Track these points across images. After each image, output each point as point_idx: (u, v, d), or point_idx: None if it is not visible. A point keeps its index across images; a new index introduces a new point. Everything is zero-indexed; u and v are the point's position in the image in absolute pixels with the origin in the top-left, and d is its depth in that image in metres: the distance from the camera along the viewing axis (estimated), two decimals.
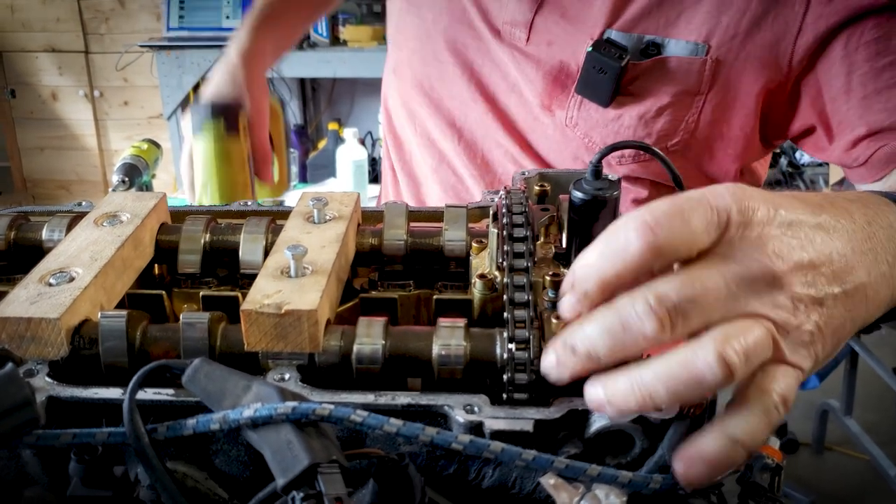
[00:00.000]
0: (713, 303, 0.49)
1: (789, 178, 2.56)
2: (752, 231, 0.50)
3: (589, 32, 0.96)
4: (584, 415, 0.53)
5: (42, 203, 4.66)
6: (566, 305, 0.52)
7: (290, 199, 2.80)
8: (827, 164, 2.57)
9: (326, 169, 3.24)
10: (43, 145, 4.78)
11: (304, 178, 3.44)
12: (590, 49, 0.92)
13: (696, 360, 0.48)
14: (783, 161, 2.62)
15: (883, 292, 0.55)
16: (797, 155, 2.61)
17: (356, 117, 4.37)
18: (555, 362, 0.51)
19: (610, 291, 0.50)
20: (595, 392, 0.50)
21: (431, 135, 1.15)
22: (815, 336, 0.51)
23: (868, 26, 0.87)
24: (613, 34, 0.94)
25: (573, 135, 1.00)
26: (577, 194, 0.59)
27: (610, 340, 0.49)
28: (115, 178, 2.10)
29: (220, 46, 3.79)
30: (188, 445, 0.56)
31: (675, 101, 0.95)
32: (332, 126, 3.77)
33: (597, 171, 0.59)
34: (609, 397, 0.49)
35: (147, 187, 2.25)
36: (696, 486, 0.50)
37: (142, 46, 4.10)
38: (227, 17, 4.12)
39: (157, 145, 2.32)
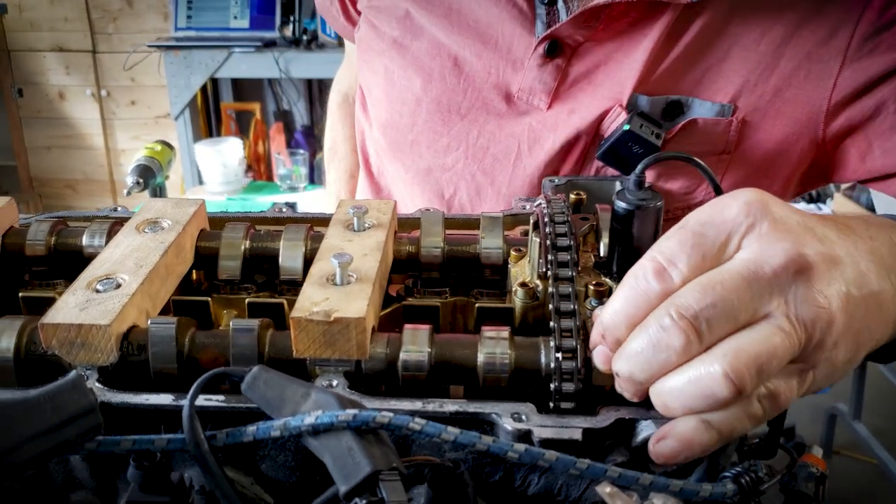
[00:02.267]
0: (737, 304, 0.48)
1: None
2: (774, 225, 0.50)
3: (616, 97, 0.92)
4: (631, 423, 0.54)
5: (49, 202, 4.68)
6: (601, 357, 0.54)
7: (304, 200, 2.79)
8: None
9: None
10: (50, 144, 4.79)
11: (312, 179, 3.45)
12: (626, 128, 0.87)
13: (704, 377, 0.48)
14: None
15: (892, 307, 0.54)
16: None
17: None
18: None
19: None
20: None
21: (416, 200, 1.08)
22: (841, 336, 0.50)
23: None
24: (641, 100, 0.91)
25: None
26: (621, 204, 0.60)
27: (644, 362, 0.50)
28: (129, 180, 2.11)
29: (228, 46, 3.80)
30: (236, 451, 0.56)
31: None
32: None
33: (640, 181, 0.59)
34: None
35: (161, 188, 2.27)
36: (665, 462, 0.51)
37: (149, 46, 4.11)
38: (235, 18, 4.13)
39: (171, 146, 2.34)
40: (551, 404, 0.55)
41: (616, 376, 0.52)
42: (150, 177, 2.10)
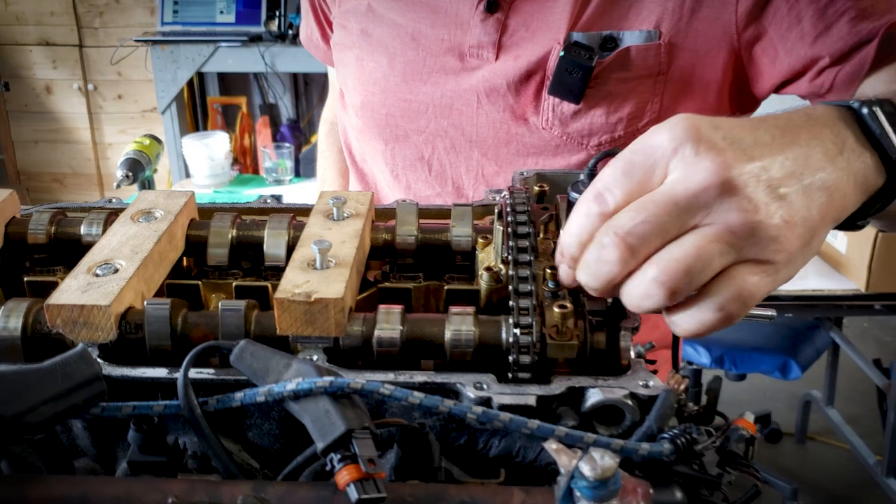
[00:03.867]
0: (666, 220, 0.55)
1: None
2: (696, 148, 0.56)
3: (554, 38, 1.05)
4: (581, 391, 0.60)
5: (37, 196, 4.69)
6: (563, 274, 0.63)
7: (289, 192, 2.83)
8: None
9: None
10: (37, 138, 4.81)
11: (297, 172, 3.49)
12: (562, 54, 1.01)
13: (642, 283, 0.56)
14: None
15: (844, 182, 0.60)
16: None
17: None
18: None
19: None
20: None
21: (399, 170, 1.21)
22: (784, 228, 0.56)
23: None
24: (576, 36, 1.04)
25: (550, 135, 1.09)
26: (574, 195, 0.66)
27: (592, 274, 0.58)
28: (119, 174, 2.16)
29: (214, 41, 3.82)
30: (225, 420, 0.62)
31: (638, 86, 1.05)
32: None
33: (592, 174, 0.65)
34: None
35: (149, 182, 2.31)
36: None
37: (136, 41, 4.14)
38: (221, 13, 4.17)
39: (159, 140, 2.38)
40: (510, 375, 0.61)
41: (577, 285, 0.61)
42: (139, 170, 2.14)
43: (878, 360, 2.74)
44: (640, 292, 0.56)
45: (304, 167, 3.63)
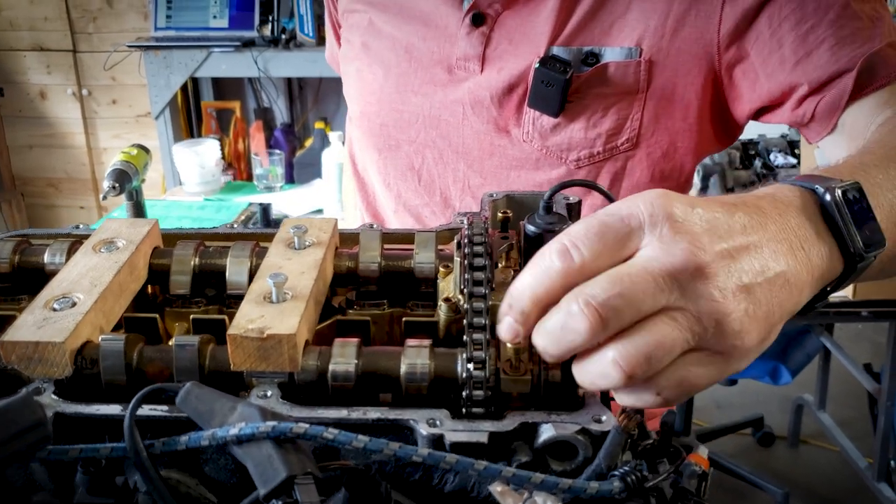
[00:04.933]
0: (641, 297, 0.53)
1: (763, 178, 2.63)
2: (674, 227, 0.55)
3: (535, 52, 1.07)
4: (534, 427, 0.60)
5: (32, 201, 4.69)
6: (506, 327, 0.58)
7: (280, 200, 2.83)
8: (798, 164, 2.65)
9: (313, 168, 3.29)
10: (32, 143, 4.81)
11: (290, 178, 3.49)
12: (537, 66, 1.03)
13: (600, 360, 0.54)
14: (757, 163, 2.69)
15: (804, 276, 0.59)
16: (771, 157, 2.69)
17: (343, 116, 4.42)
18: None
19: (544, 308, 0.56)
20: None
21: (391, 179, 1.24)
22: (747, 322, 0.54)
23: (782, 2, 0.98)
24: (556, 50, 1.06)
25: (531, 148, 1.11)
26: (530, 227, 0.66)
27: (555, 341, 0.55)
28: (105, 185, 2.16)
29: (207, 46, 3.82)
30: (182, 455, 0.62)
31: (617, 102, 1.06)
32: (319, 125, 3.82)
33: (548, 206, 0.65)
34: None
35: (137, 192, 2.31)
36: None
37: (129, 46, 4.14)
38: (215, 17, 4.16)
39: (147, 150, 2.38)
40: (464, 410, 0.61)
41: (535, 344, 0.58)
42: (126, 181, 2.14)
43: (868, 365, 2.74)
44: (596, 370, 0.55)
45: (298, 172, 3.62)
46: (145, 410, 0.60)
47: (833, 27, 0.97)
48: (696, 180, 2.79)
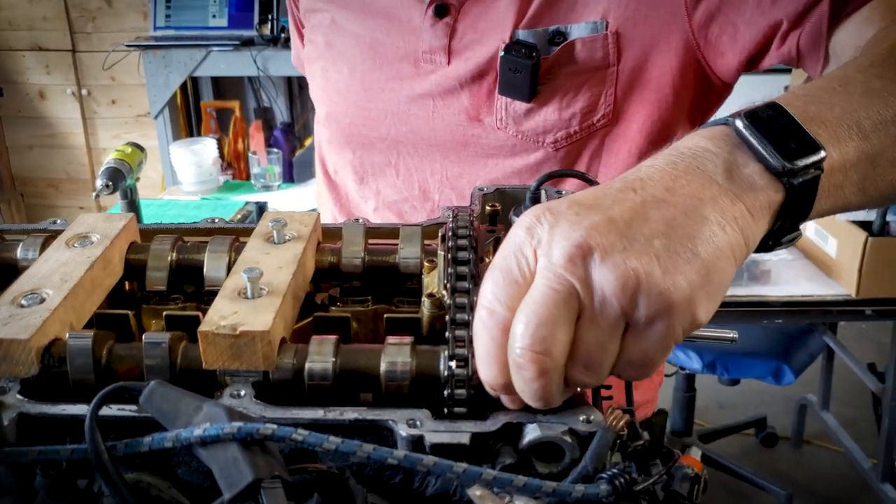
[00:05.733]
0: (557, 312, 0.51)
1: None
2: (550, 227, 0.53)
3: (500, 38, 1.05)
4: (518, 427, 0.57)
5: (32, 201, 4.68)
6: (508, 403, 0.57)
7: (277, 199, 2.81)
8: None
9: (313, 167, 3.26)
10: (31, 144, 4.80)
11: (289, 177, 3.46)
12: (502, 54, 1.01)
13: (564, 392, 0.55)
14: None
15: (728, 206, 0.55)
16: None
17: None
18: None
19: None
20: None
21: (368, 176, 1.22)
22: (661, 279, 0.51)
23: None
24: (521, 34, 1.03)
25: (506, 135, 1.08)
26: (517, 219, 0.63)
27: (532, 398, 0.54)
28: (98, 183, 2.13)
29: (206, 45, 3.81)
30: (152, 457, 0.59)
31: (588, 80, 1.04)
32: None
33: (535, 198, 0.63)
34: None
35: (132, 190, 2.29)
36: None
37: (128, 46, 4.12)
38: (214, 17, 4.14)
39: (141, 149, 2.35)
40: (445, 410, 0.58)
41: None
42: (119, 179, 2.11)
43: (872, 364, 2.71)
44: (576, 380, 0.54)
45: (297, 172, 3.60)
46: (113, 411, 0.57)
47: None
48: None
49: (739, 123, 0.58)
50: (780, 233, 0.60)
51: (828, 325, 2.74)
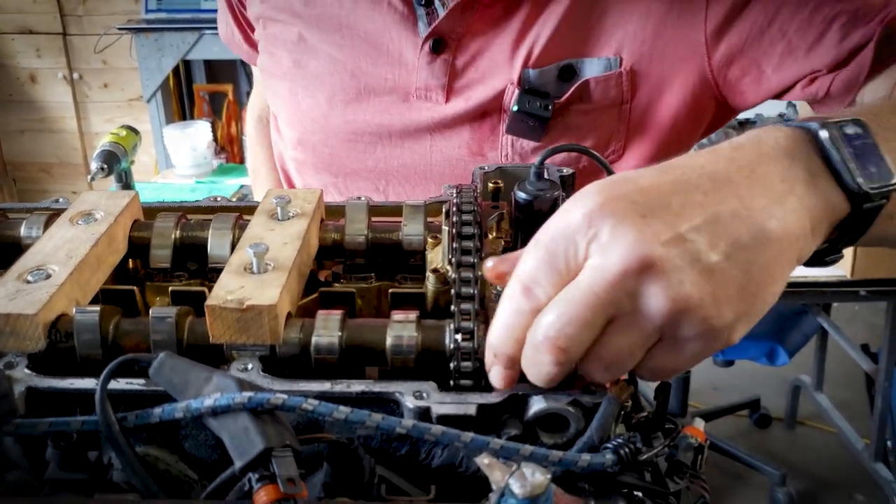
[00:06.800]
0: (591, 318, 0.51)
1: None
2: (613, 229, 0.51)
3: (507, 78, 0.98)
4: (524, 399, 0.58)
5: (24, 186, 4.65)
6: (497, 377, 0.57)
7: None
8: None
9: None
10: (23, 128, 4.77)
11: None
12: (515, 109, 0.94)
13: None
14: None
15: (796, 226, 0.54)
16: None
17: None
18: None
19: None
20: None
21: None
22: (713, 307, 0.50)
23: None
24: (531, 74, 0.97)
25: None
26: (521, 195, 0.63)
27: (535, 374, 0.55)
28: (93, 166, 2.13)
29: (199, 28, 3.78)
30: (160, 431, 0.60)
31: (601, 117, 0.99)
32: None
33: (538, 173, 0.63)
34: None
35: (126, 174, 2.28)
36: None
37: (120, 29, 4.09)
38: None
39: (136, 131, 2.35)
40: (452, 382, 0.59)
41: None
42: (114, 162, 2.11)
43: (865, 345, 2.73)
44: (590, 375, 0.55)
45: None
46: (121, 384, 0.58)
47: (839, 1, 0.89)
48: None
49: (824, 135, 0.56)
50: (824, 252, 0.59)
51: (822, 305, 2.76)
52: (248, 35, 1.25)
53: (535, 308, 0.53)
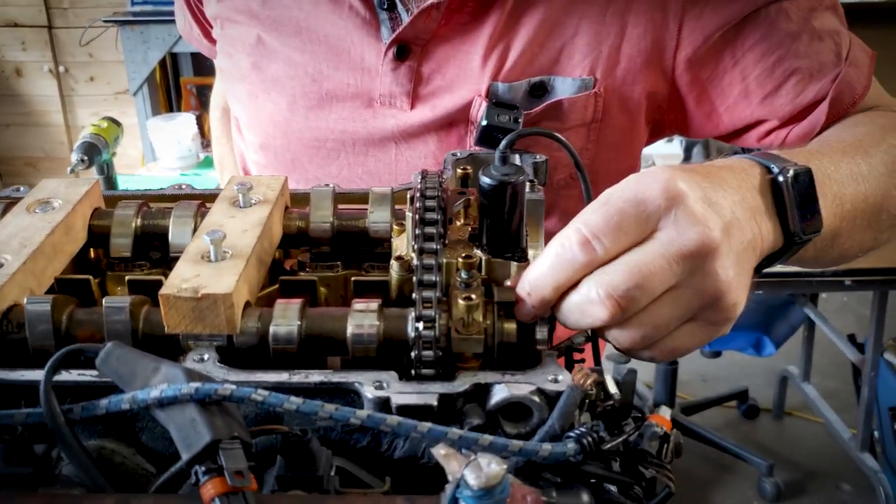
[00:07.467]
0: (657, 284, 0.56)
1: (745, 149, 2.60)
2: (687, 211, 0.57)
3: (475, 89, 0.95)
4: (486, 388, 0.56)
5: (10, 181, 4.62)
6: (526, 312, 0.59)
7: None
8: None
9: None
10: (9, 122, 4.73)
11: None
12: (484, 123, 0.91)
13: (623, 338, 0.60)
14: None
15: (759, 244, 0.63)
16: None
17: None
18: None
19: (564, 293, 0.59)
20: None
21: None
22: (739, 295, 0.60)
23: (747, 31, 0.92)
24: (500, 87, 0.95)
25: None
26: (486, 180, 0.62)
27: (573, 321, 0.59)
28: (74, 157, 2.10)
29: None
30: (116, 423, 0.58)
31: (572, 135, 0.97)
32: None
33: (504, 157, 0.61)
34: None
35: (108, 165, 2.26)
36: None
37: (106, 21, 4.06)
38: None
39: (118, 123, 2.32)
40: (413, 372, 0.57)
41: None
42: (95, 154, 2.09)
43: (852, 336, 2.73)
44: (623, 338, 0.59)
45: None
46: (73, 376, 0.56)
47: (800, 58, 0.92)
48: (679, 150, 2.76)
49: (781, 178, 0.65)
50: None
51: (809, 296, 2.75)
52: (206, 31, 1.21)
53: (589, 261, 0.57)
